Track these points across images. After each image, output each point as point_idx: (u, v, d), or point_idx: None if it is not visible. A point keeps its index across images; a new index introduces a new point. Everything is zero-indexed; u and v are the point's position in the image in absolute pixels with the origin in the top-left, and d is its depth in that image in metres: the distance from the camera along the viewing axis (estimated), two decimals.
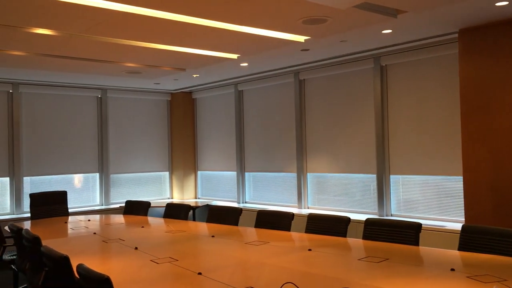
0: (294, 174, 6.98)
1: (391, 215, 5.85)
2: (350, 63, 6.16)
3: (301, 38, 4.92)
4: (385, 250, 3.48)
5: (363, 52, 5.72)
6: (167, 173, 8.90)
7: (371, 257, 3.27)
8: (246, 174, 7.83)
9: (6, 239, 4.92)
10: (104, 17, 3.98)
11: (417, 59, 5.55)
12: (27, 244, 3.80)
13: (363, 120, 6.10)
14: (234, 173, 8.02)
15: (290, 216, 4.60)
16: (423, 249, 3.55)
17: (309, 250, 3.60)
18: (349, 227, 4.15)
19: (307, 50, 5.49)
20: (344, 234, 4.11)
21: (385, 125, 5.86)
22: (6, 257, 4.87)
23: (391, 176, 5.85)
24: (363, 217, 5.67)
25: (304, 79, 6.84)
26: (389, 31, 4.74)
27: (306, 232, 4.38)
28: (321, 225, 4.29)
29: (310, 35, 4.76)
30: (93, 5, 3.67)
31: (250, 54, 5.67)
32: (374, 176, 5.99)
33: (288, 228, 4.54)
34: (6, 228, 5.02)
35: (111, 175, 8.13)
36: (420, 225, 3.70)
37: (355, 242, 3.92)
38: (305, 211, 6.57)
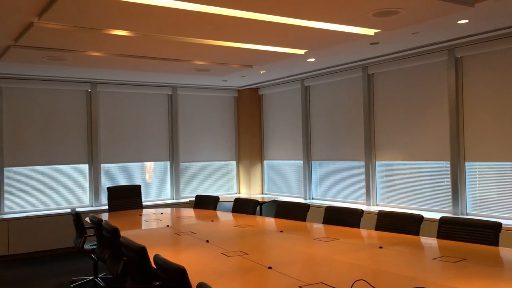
0: (362, 162, 6.84)
1: (467, 214, 5.59)
2: (422, 55, 5.94)
3: (370, 31, 4.81)
4: (461, 250, 3.33)
5: (436, 44, 5.49)
6: (234, 162, 9.07)
7: (446, 257, 3.15)
8: (313, 163, 7.78)
9: (86, 230, 5.22)
10: (176, 17, 4.11)
11: (495, 50, 5.25)
12: (107, 235, 4.02)
13: (436, 111, 5.86)
14: (301, 162, 8.00)
15: (359, 212, 4.53)
16: (503, 249, 3.36)
17: (380, 247, 3.53)
18: (421, 225, 4.02)
19: (377, 43, 5.36)
20: (416, 233, 3.98)
21: (460, 116, 5.58)
22: (86, 246, 5.18)
23: (466, 163, 5.57)
24: (435, 215, 5.47)
25: (373, 73, 6.69)
26: (465, 21, 4.52)
27: (376, 229, 4.29)
28: (392, 222, 4.19)
29: (381, 28, 4.64)
30: (165, 6, 3.80)
31: (317, 49, 5.62)
32: (447, 163, 5.73)
33: (357, 225, 4.48)
34: (86, 219, 5.34)
35: (181, 164, 8.42)
36: (500, 224, 3.51)
37: (429, 241, 3.79)
38: (374, 208, 6.43)
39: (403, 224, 4.10)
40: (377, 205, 6.64)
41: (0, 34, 4.64)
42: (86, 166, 7.61)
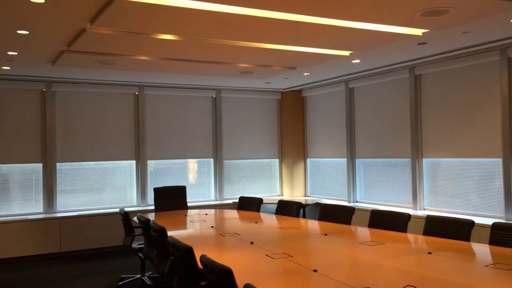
0: (408, 160, 6.68)
1: None
2: (473, 55, 5.74)
3: (418, 32, 4.70)
4: None
5: (487, 43, 5.30)
6: (277, 161, 9.10)
7: (500, 264, 3.03)
8: (357, 161, 7.67)
9: (134, 229, 5.36)
10: (221, 21, 4.16)
11: None
12: (155, 234, 4.11)
13: (487, 112, 5.65)
14: (344, 160, 7.91)
15: (406, 217, 4.43)
16: None
17: (429, 253, 3.44)
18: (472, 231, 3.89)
19: (425, 43, 5.23)
20: (467, 238, 3.86)
21: None
22: (134, 245, 5.32)
23: None
24: (485, 221, 5.28)
25: (420, 74, 6.53)
26: None
27: (424, 234, 4.19)
28: (441, 227, 4.07)
29: (429, 27, 4.53)
30: (211, 10, 3.86)
31: (363, 50, 5.55)
32: (499, 161, 5.51)
33: (404, 230, 4.38)
34: (134, 219, 5.49)
35: (224, 161, 8.54)
36: None
37: (481, 247, 3.66)
38: (421, 213, 6.27)
39: (452, 230, 3.98)
40: (424, 209, 6.47)
41: (54, 40, 4.85)
42: (134, 162, 7.85)
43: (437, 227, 4.11)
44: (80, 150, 7.46)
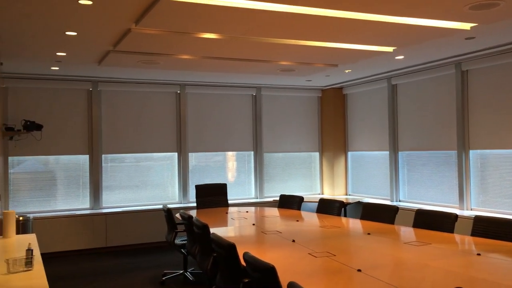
0: (454, 152, 6.49)
1: None
2: None
3: (466, 26, 4.55)
4: None
5: None
6: (317, 154, 9.06)
7: None
8: (400, 153, 7.51)
9: (177, 226, 5.45)
10: (263, 19, 4.16)
11: None
12: (197, 231, 4.17)
13: None
14: (387, 152, 7.76)
15: (453, 217, 4.30)
16: None
17: (478, 254, 3.33)
18: None
19: (473, 38, 5.06)
20: None
21: None
22: (177, 241, 5.41)
23: None
24: None
25: (467, 70, 6.31)
26: None
27: (473, 235, 4.05)
28: (491, 229, 3.92)
29: (478, 21, 4.37)
30: (253, 8, 3.86)
31: (407, 46, 5.42)
32: None
33: (450, 230, 4.25)
34: (177, 215, 5.58)
35: (265, 154, 8.58)
36: None
37: None
38: (468, 213, 6.07)
39: (503, 231, 3.83)
40: (471, 210, 6.26)
41: (101, 41, 4.99)
42: (176, 155, 8.00)
43: (486, 228, 3.97)
44: (124, 144, 7.67)
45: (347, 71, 7.10)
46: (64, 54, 5.61)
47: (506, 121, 5.80)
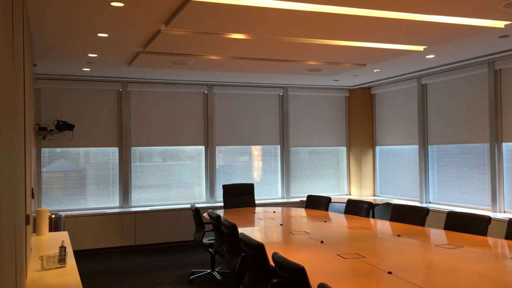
0: (485, 145, 6.32)
1: None
2: None
3: (500, 24, 4.43)
4: None
5: None
6: (344, 155, 9.02)
7: None
8: (430, 153, 7.37)
9: (205, 225, 5.49)
10: (292, 18, 4.15)
11: None
12: (226, 231, 4.19)
13: None
14: (415, 153, 7.63)
15: (486, 219, 4.20)
16: None
17: None
18: None
19: (507, 36, 4.92)
20: None
21: None
22: (205, 240, 5.45)
23: None
24: None
25: (500, 69, 6.15)
26: None
27: (507, 238, 3.94)
28: None
29: None
30: (282, 8, 3.85)
31: (438, 45, 5.32)
32: None
33: (484, 233, 4.15)
34: (205, 215, 5.62)
35: (291, 148, 8.57)
36: None
37: None
38: (501, 216, 5.91)
39: None
40: (504, 212, 6.10)
41: (131, 42, 5.07)
42: (203, 147, 8.04)
43: None
44: (154, 144, 7.77)
45: (375, 70, 7.02)
46: (96, 55, 5.72)
47: None
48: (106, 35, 4.74)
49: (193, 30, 4.53)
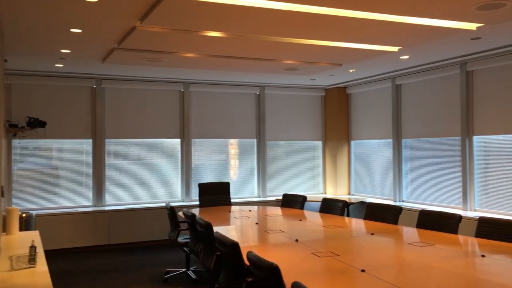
0: (457, 138, 6.47)
1: None
2: None
3: (472, 26, 4.52)
4: None
5: None
6: (320, 143, 9.08)
7: None
8: (403, 141, 7.49)
9: (180, 224, 5.44)
10: (269, 17, 4.15)
11: None
12: (201, 230, 4.16)
13: None
14: (390, 141, 7.75)
15: (457, 218, 4.29)
16: None
17: (483, 256, 3.31)
18: None
19: (478, 38, 5.03)
20: None
21: None
22: (180, 239, 5.41)
23: None
24: None
25: (472, 70, 6.28)
26: None
27: (477, 236, 4.03)
28: (495, 230, 3.91)
29: (484, 22, 4.35)
30: (259, 6, 3.85)
31: (412, 46, 5.40)
32: None
33: (454, 231, 4.24)
34: (180, 213, 5.58)
35: (267, 142, 8.60)
36: None
37: None
38: (472, 214, 6.05)
39: (508, 232, 3.81)
40: (474, 210, 6.24)
41: (106, 38, 4.99)
42: (179, 140, 7.97)
43: (491, 229, 3.95)
44: (127, 135, 7.67)
45: (351, 70, 7.09)
46: (69, 51, 5.61)
47: (510, 124, 5.78)
48: (79, 30, 4.65)
49: (169, 27, 4.49)
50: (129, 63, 6.30)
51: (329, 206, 5.82)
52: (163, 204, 7.43)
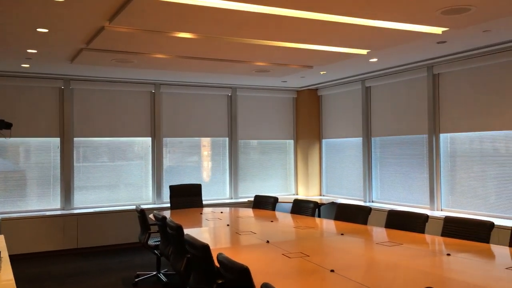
0: (424, 136, 6.62)
1: None
2: (493, 54, 5.65)
3: (438, 30, 4.64)
4: None
5: (509, 42, 5.21)
6: (292, 141, 9.12)
7: None
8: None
9: (150, 226, 5.39)
10: (239, 19, 4.15)
11: None
12: (171, 232, 4.13)
13: (509, 110, 5.56)
14: (360, 139, 7.87)
15: (424, 217, 4.38)
16: None
17: (448, 254, 3.40)
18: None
19: (444, 42, 5.17)
20: (486, 240, 3.80)
21: None
22: (150, 242, 5.35)
23: None
24: (504, 223, 5.20)
25: (438, 73, 6.44)
26: None
27: (443, 235, 4.13)
28: (460, 229, 4.02)
29: (449, 26, 4.47)
30: (229, 8, 3.85)
31: (380, 49, 5.50)
32: None
33: (421, 231, 4.33)
34: (150, 216, 5.52)
35: (239, 141, 8.62)
36: None
37: (500, 249, 3.60)
38: (438, 214, 6.20)
39: (471, 231, 3.92)
40: (441, 210, 6.40)
41: (73, 38, 4.90)
42: (150, 139, 7.88)
43: (456, 228, 4.06)
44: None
45: (322, 72, 7.16)
46: (35, 51, 5.48)
47: (473, 126, 5.95)
48: (46, 30, 4.56)
49: (138, 28, 4.44)
50: (98, 64, 6.20)
51: (300, 207, 5.87)
52: (134, 207, 7.34)
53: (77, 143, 7.40)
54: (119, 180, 7.70)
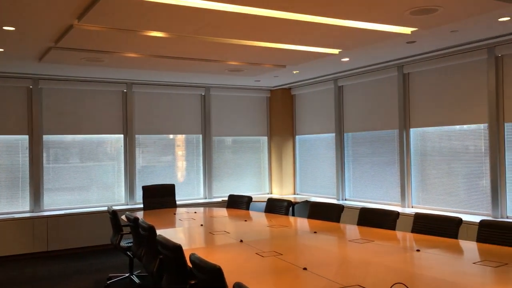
0: (395, 131, 6.73)
1: (507, 217, 5.42)
2: (460, 54, 5.79)
3: (407, 30, 4.73)
4: (503, 255, 3.23)
5: (475, 42, 5.35)
6: (265, 138, 9.10)
7: (487, 261, 3.06)
8: (345, 135, 7.72)
9: (123, 228, 5.31)
10: (212, 18, 4.14)
11: None
12: (143, 233, 4.08)
13: (475, 111, 5.71)
14: (333, 134, 7.95)
15: (395, 214, 4.46)
16: None
17: (417, 250, 3.46)
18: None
19: (413, 42, 5.26)
20: (455, 236, 3.89)
21: (500, 114, 5.42)
22: (123, 244, 5.28)
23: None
24: (471, 218, 5.34)
25: (408, 73, 6.56)
26: (507, 18, 4.38)
27: (413, 232, 4.21)
28: (430, 225, 4.10)
29: (418, 26, 4.55)
30: (201, 7, 3.83)
31: (352, 49, 5.56)
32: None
33: (392, 227, 4.41)
34: (123, 217, 5.44)
35: (213, 137, 8.59)
36: None
37: (468, 244, 3.69)
38: (409, 211, 6.31)
39: (440, 227, 4.01)
40: (412, 207, 6.52)
41: (41, 36, 4.79)
42: (122, 136, 7.77)
43: (426, 224, 4.14)
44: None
45: (295, 72, 7.20)
46: (2, 50, 5.33)
47: (442, 124, 6.08)
48: (12, 28, 4.44)
49: (108, 26, 4.37)
50: (67, 63, 6.08)
51: (274, 206, 5.88)
52: (106, 208, 7.22)
53: (46, 143, 7.25)
54: (90, 180, 7.57)
